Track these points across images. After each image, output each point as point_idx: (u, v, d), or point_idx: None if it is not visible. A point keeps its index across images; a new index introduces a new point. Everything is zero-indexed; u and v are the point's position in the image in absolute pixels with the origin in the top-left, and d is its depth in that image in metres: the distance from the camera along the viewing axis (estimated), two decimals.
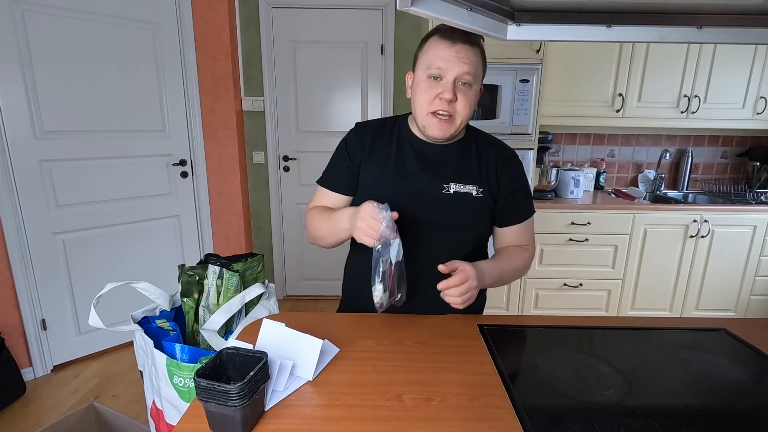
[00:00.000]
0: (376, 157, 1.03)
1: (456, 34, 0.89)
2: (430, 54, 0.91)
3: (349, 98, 2.80)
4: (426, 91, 0.92)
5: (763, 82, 2.43)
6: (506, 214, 1.05)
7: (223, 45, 2.44)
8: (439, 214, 1.00)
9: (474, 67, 0.90)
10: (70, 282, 2.15)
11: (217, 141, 2.55)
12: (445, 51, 0.89)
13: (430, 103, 0.92)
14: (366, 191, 1.04)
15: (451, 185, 1.00)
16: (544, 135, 2.48)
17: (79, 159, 2.09)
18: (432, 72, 0.91)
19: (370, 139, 1.04)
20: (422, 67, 0.93)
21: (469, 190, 1.00)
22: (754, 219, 2.39)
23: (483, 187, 1.01)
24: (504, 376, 0.78)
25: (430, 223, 0.99)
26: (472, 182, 1.01)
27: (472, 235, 1.03)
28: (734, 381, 0.79)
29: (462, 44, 0.89)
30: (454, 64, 0.89)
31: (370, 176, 1.03)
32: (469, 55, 0.89)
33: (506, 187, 1.03)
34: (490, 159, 1.03)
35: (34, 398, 1.94)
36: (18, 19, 1.85)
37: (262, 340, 0.79)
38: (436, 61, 0.90)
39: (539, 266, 2.47)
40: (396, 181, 1.01)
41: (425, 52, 0.93)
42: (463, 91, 0.91)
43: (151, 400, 1.13)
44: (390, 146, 1.03)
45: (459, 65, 0.89)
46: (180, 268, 1.18)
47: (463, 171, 1.01)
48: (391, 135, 1.05)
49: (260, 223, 2.98)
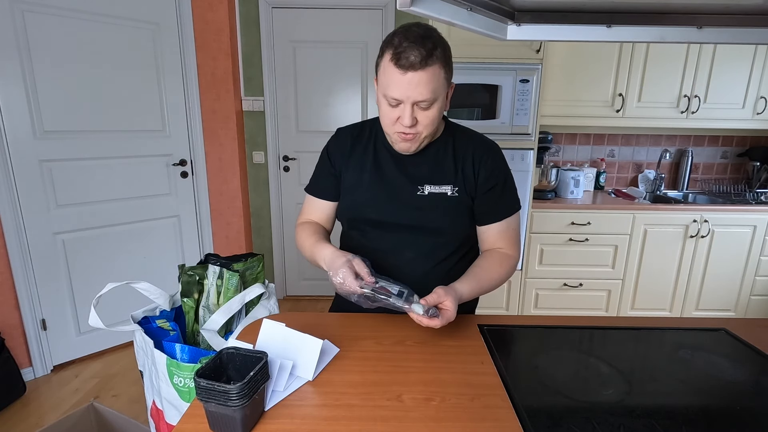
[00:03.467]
0: (355, 161, 1.03)
1: (408, 57, 0.80)
2: (386, 78, 0.85)
3: (349, 98, 2.80)
4: (387, 114, 0.90)
5: (763, 82, 2.42)
6: (483, 211, 1.02)
7: (223, 45, 2.44)
8: (415, 217, 0.99)
9: (431, 89, 0.84)
10: (70, 282, 2.15)
11: (217, 141, 2.55)
12: (398, 79, 0.83)
13: (391, 125, 0.91)
14: (346, 196, 1.05)
15: (426, 186, 0.99)
16: (544, 135, 2.48)
17: (79, 159, 2.09)
18: (389, 99, 0.87)
19: (349, 144, 1.04)
20: (380, 86, 0.89)
21: (443, 190, 0.99)
22: (754, 219, 2.39)
23: (458, 185, 0.99)
24: (504, 376, 0.78)
25: (408, 226, 0.99)
26: (447, 182, 0.99)
27: (451, 236, 1.02)
28: (734, 381, 0.79)
29: (414, 72, 0.81)
30: (408, 93, 0.84)
31: (349, 181, 1.03)
32: (423, 79, 0.82)
33: (484, 183, 1.00)
34: (467, 155, 1.00)
35: (34, 398, 1.94)
36: (18, 19, 1.85)
37: (262, 340, 0.79)
38: (391, 89, 0.85)
39: (539, 266, 2.47)
40: (373, 185, 1.01)
41: (382, 71, 0.87)
42: (423, 111, 0.87)
43: (151, 400, 1.13)
44: (368, 150, 1.03)
45: (413, 93, 0.83)
46: (180, 268, 1.18)
47: (438, 171, 1.00)
48: (369, 139, 1.04)
49: (260, 223, 2.98)
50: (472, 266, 0.99)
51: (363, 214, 1.02)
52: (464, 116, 2.28)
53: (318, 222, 1.10)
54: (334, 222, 1.14)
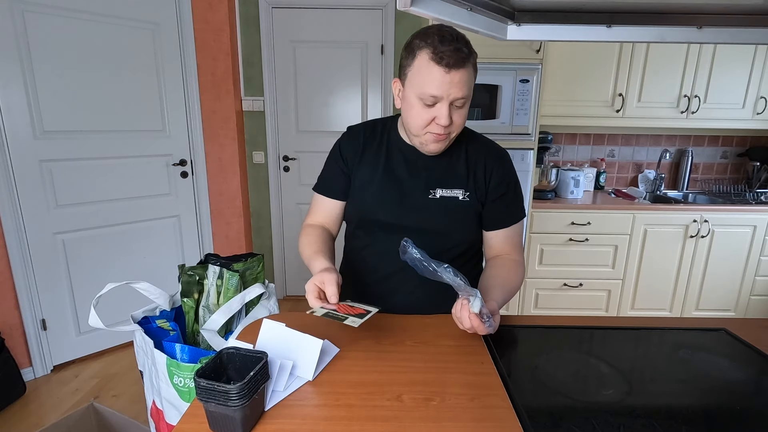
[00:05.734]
0: (367, 160, 1.03)
1: (450, 57, 0.81)
2: (422, 77, 0.84)
3: (349, 98, 2.80)
4: (420, 116, 0.88)
5: (763, 82, 2.42)
6: (493, 217, 1.03)
7: (223, 45, 2.44)
8: (425, 219, 0.99)
9: (468, 87, 0.86)
10: (70, 282, 2.15)
11: (217, 141, 2.55)
12: (440, 78, 0.83)
13: (424, 127, 0.90)
14: (356, 195, 1.04)
15: (437, 190, 0.99)
16: (544, 135, 2.48)
17: (79, 159, 2.09)
18: (426, 100, 0.86)
19: (362, 142, 1.04)
20: (413, 86, 0.87)
21: (455, 194, 0.99)
22: (754, 219, 2.39)
23: (470, 190, 0.99)
24: (504, 376, 0.78)
25: (417, 229, 0.99)
26: (459, 186, 0.99)
27: (459, 240, 1.02)
28: (734, 381, 0.79)
29: (456, 69, 0.82)
30: (450, 90, 0.84)
31: (361, 180, 1.03)
32: (464, 78, 0.84)
33: (494, 189, 1.00)
34: (479, 161, 1.00)
35: (34, 398, 1.94)
36: (18, 19, 1.85)
37: (262, 340, 0.79)
38: (431, 88, 0.84)
39: (539, 266, 2.47)
40: (384, 185, 1.00)
41: (416, 71, 0.86)
42: (458, 111, 0.88)
43: (151, 400, 1.13)
44: (380, 151, 1.03)
45: (454, 90, 0.84)
46: (180, 268, 1.18)
47: (450, 175, 1.00)
48: (382, 139, 1.04)
49: (260, 223, 2.98)
50: (493, 277, 0.98)
51: (372, 215, 1.02)
52: None
53: (324, 224, 1.09)
54: (341, 224, 1.12)
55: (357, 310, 0.84)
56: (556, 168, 2.57)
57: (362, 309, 0.85)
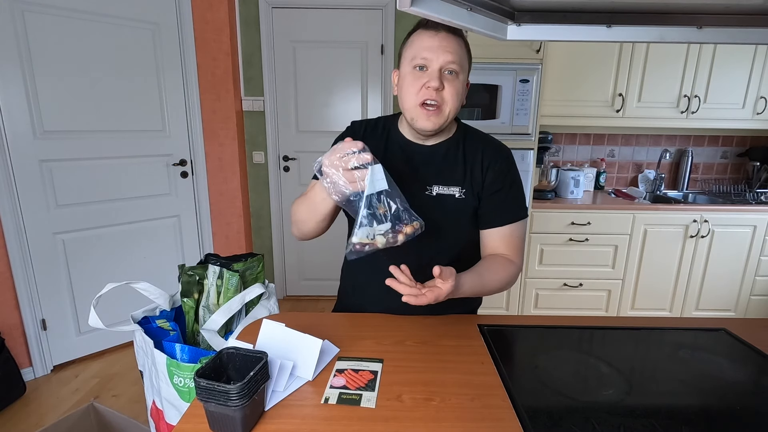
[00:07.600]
0: None
1: (439, 25, 0.88)
2: (415, 46, 0.91)
3: (349, 98, 2.80)
4: (412, 84, 0.91)
5: (763, 82, 2.42)
6: (487, 215, 1.00)
7: (223, 45, 2.44)
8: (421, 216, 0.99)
9: (458, 57, 0.90)
10: (70, 282, 2.15)
11: (217, 141, 2.55)
12: (429, 41, 0.89)
13: (416, 93, 0.91)
14: None
15: (434, 187, 0.98)
16: (544, 135, 2.48)
17: (79, 159, 2.09)
18: (417, 62, 0.90)
19: (362, 135, 1.04)
20: (407, 60, 0.93)
21: (451, 191, 0.98)
22: (754, 219, 2.39)
23: (466, 188, 0.98)
24: (504, 376, 0.78)
25: None
26: (456, 183, 0.98)
27: (455, 238, 1.01)
28: (734, 381, 0.79)
29: (446, 33, 0.89)
30: (438, 54, 0.89)
31: None
32: (453, 44, 0.90)
33: (490, 185, 0.99)
34: (476, 157, 0.99)
35: (34, 398, 1.94)
36: (18, 19, 1.85)
37: (262, 340, 0.79)
38: (421, 51, 0.90)
39: (539, 266, 2.47)
40: None
41: (410, 46, 0.93)
42: (450, 80, 0.90)
43: (151, 400, 1.13)
44: (380, 146, 1.03)
45: (444, 54, 0.89)
46: (180, 268, 1.18)
47: (447, 172, 0.99)
48: (382, 135, 1.04)
49: (260, 223, 2.98)
50: (475, 265, 0.96)
51: None
52: (464, 116, 2.28)
53: None
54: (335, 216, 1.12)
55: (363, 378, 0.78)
56: (556, 168, 2.57)
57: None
